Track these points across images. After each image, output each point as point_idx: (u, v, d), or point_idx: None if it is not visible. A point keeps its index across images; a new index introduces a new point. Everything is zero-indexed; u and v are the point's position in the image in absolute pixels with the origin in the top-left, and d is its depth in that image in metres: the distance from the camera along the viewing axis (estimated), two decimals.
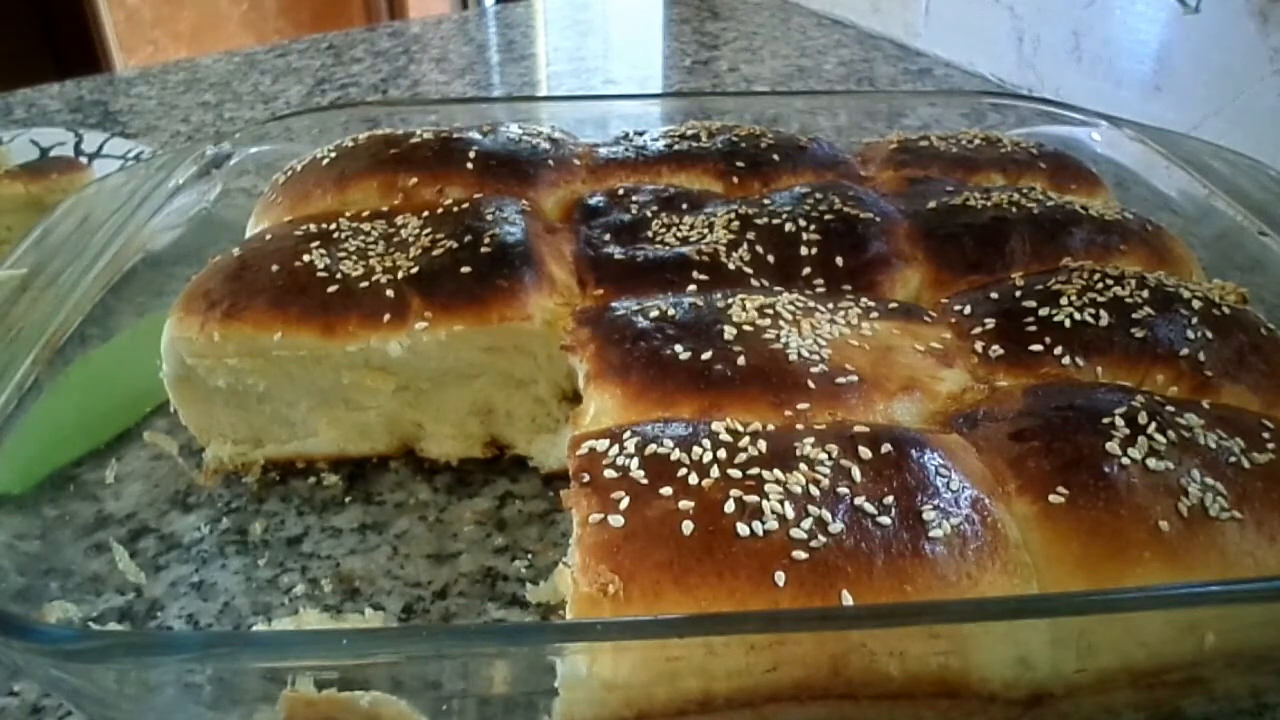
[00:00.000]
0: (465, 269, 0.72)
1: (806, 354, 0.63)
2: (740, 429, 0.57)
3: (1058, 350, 0.66)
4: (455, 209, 0.79)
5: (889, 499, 0.53)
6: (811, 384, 0.61)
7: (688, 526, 0.50)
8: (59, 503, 0.73)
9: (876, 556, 0.50)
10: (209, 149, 0.94)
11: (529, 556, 0.70)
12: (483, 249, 0.73)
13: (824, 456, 0.55)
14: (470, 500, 0.75)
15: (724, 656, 0.48)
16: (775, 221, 0.78)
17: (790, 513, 0.51)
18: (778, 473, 0.53)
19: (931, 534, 0.52)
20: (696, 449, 0.55)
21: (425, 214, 0.78)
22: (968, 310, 0.71)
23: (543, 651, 0.49)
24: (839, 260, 0.76)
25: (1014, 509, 0.56)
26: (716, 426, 0.57)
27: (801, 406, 0.60)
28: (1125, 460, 0.56)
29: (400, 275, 0.72)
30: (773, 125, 0.99)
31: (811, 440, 0.56)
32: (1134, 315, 0.68)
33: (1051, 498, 0.55)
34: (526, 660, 0.50)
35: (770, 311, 0.67)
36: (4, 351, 0.66)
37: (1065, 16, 1.44)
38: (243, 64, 1.69)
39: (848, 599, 0.49)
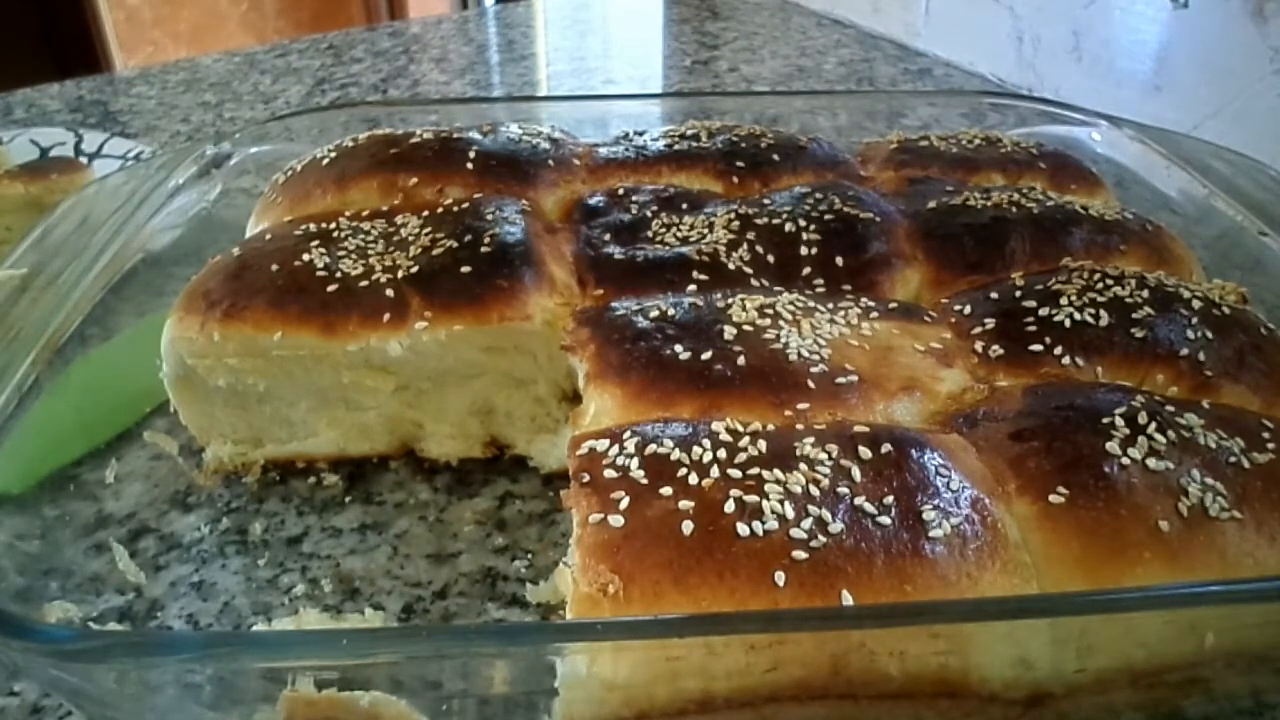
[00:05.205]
0: (465, 269, 0.72)
1: (806, 354, 0.63)
2: (740, 429, 0.57)
3: (1058, 350, 0.66)
4: (455, 209, 0.79)
5: (889, 499, 0.53)
6: (811, 384, 0.61)
7: (688, 526, 0.50)
8: (59, 503, 0.73)
9: (876, 556, 0.50)
10: (209, 149, 0.94)
11: (529, 556, 0.70)
12: (483, 249, 0.73)
13: (824, 456, 0.55)
14: (470, 500, 0.75)
15: (724, 656, 0.48)
16: (775, 221, 0.78)
17: (790, 513, 0.51)
18: (778, 473, 0.53)
19: (931, 534, 0.52)
20: (696, 449, 0.55)
21: (425, 214, 0.78)
22: (968, 310, 0.71)
23: (543, 651, 0.49)
24: (839, 260, 0.76)
25: (1014, 509, 0.56)
26: (716, 426, 0.57)
27: (801, 406, 0.60)
28: (1125, 460, 0.56)
29: (400, 275, 0.72)
30: (773, 125, 0.99)
31: (811, 440, 0.56)
32: (1134, 315, 0.68)
33: (1051, 498, 0.55)
34: (526, 660, 0.50)
35: (770, 311, 0.67)
36: (4, 351, 0.66)
37: (1065, 16, 1.44)
38: (243, 64, 1.69)
39: (848, 599, 0.49)
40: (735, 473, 0.53)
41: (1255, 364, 0.67)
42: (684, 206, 0.82)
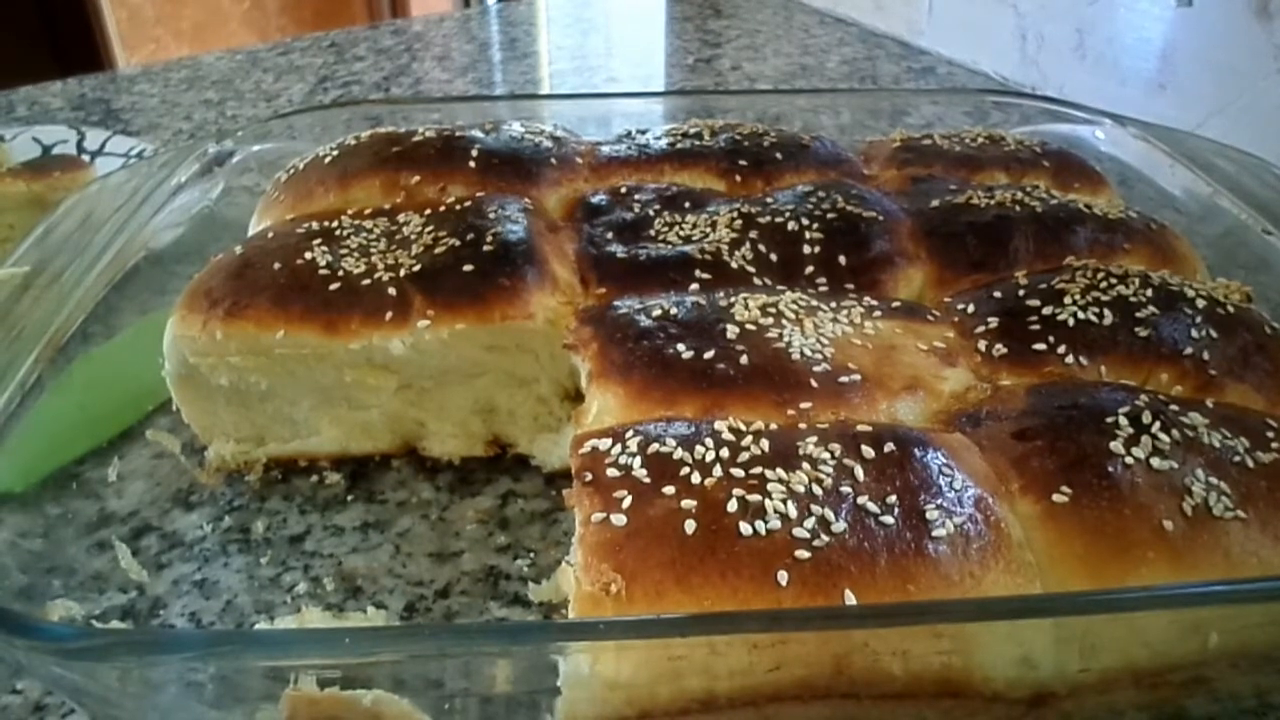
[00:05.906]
0: (467, 267, 0.72)
1: (809, 353, 0.63)
2: (743, 428, 0.56)
3: (1061, 349, 0.66)
4: (458, 207, 0.78)
5: (892, 498, 0.53)
6: (814, 383, 0.61)
7: (690, 525, 0.50)
8: (61, 501, 0.73)
9: (879, 556, 0.50)
10: (211, 147, 0.94)
11: (531, 555, 0.70)
12: (485, 247, 0.73)
13: (827, 456, 0.54)
14: (472, 499, 0.75)
15: (726, 656, 0.48)
16: (778, 220, 0.78)
17: (793, 512, 0.51)
18: (780, 472, 0.53)
19: (935, 533, 0.52)
20: (699, 448, 0.54)
21: (428, 212, 0.78)
22: (971, 309, 0.71)
23: (545, 650, 0.49)
24: (842, 259, 0.76)
25: (1017, 508, 0.55)
26: (719, 425, 0.57)
27: (804, 405, 0.60)
28: (1129, 459, 0.56)
29: (403, 273, 0.71)
30: (775, 124, 0.98)
31: (814, 439, 0.56)
32: (1138, 314, 0.68)
33: (1055, 497, 0.55)
34: (529, 659, 0.50)
35: (773, 310, 0.67)
36: (6, 350, 0.66)
37: (1069, 14, 1.43)
38: (245, 62, 1.69)
39: (850, 598, 0.49)
40: (738, 472, 0.53)
41: (1259, 363, 0.67)
42: (687, 205, 0.81)
